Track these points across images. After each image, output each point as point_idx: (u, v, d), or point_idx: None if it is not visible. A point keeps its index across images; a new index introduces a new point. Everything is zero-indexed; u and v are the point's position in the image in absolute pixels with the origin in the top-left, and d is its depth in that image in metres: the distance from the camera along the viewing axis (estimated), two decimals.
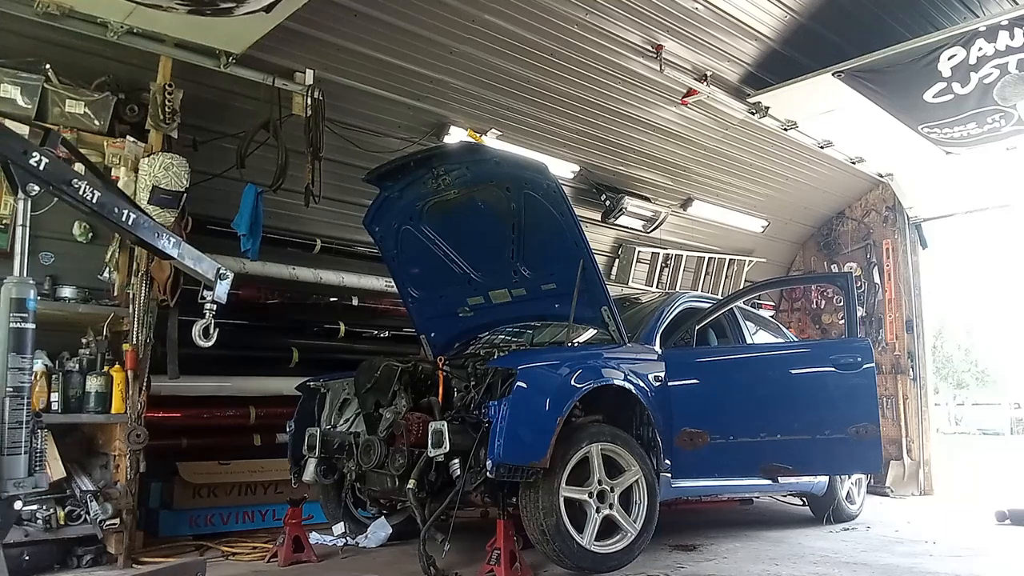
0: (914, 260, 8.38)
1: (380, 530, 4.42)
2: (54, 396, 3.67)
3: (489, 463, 3.39)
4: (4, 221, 3.87)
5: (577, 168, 6.51)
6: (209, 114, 4.60)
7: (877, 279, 8.39)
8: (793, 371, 4.88)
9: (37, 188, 2.84)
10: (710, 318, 4.90)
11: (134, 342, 3.91)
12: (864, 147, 7.21)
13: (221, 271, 3.73)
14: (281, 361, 5.19)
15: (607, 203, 6.83)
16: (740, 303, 5.44)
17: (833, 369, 4.75)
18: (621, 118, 6.16)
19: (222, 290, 3.74)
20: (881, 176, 8.05)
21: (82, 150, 3.86)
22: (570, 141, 6.22)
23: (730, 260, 8.58)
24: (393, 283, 5.18)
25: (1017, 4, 5.32)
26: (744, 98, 6.16)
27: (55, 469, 3.67)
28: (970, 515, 6.13)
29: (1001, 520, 5.70)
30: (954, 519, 6.06)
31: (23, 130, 3.67)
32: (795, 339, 6.54)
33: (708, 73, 5.88)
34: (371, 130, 5.27)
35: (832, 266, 8.80)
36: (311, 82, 4.74)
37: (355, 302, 5.67)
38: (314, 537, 4.35)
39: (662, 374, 4.28)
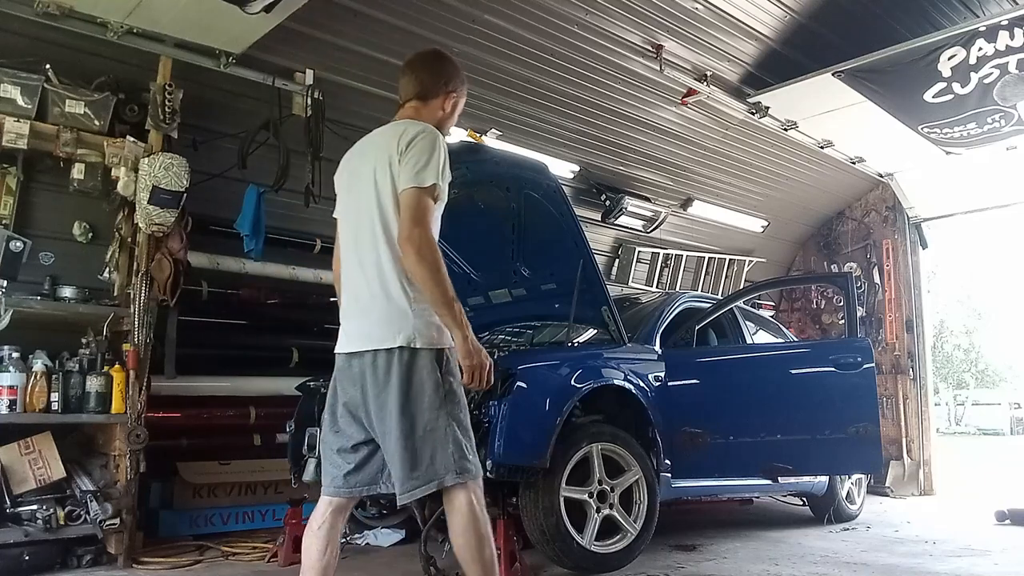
0: (914, 260, 8.37)
1: (393, 532, 4.48)
2: (54, 396, 3.67)
3: (489, 463, 3.38)
4: (4, 221, 3.87)
5: (577, 168, 6.51)
6: (209, 114, 4.60)
7: (877, 279, 8.39)
8: (793, 371, 4.88)
9: None
10: (710, 318, 4.90)
11: (135, 342, 3.90)
12: (864, 147, 7.20)
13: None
14: (281, 361, 5.18)
15: (607, 203, 6.83)
16: (740, 303, 5.44)
17: (833, 369, 4.75)
18: (621, 118, 6.16)
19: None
20: (881, 176, 8.04)
21: (82, 150, 3.88)
22: (570, 141, 6.22)
23: (730, 260, 8.58)
24: None
25: (1017, 4, 5.32)
26: (744, 98, 6.16)
27: (55, 469, 3.67)
28: (970, 515, 6.13)
29: (1001, 520, 5.70)
30: (954, 519, 6.05)
31: (23, 130, 3.69)
32: (795, 339, 6.55)
33: (708, 73, 5.88)
34: (371, 130, 5.25)
35: (832, 266, 8.80)
36: (311, 82, 4.73)
37: None
38: None
39: (662, 374, 4.28)
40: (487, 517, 2.30)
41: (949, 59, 5.20)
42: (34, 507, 3.53)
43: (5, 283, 3.60)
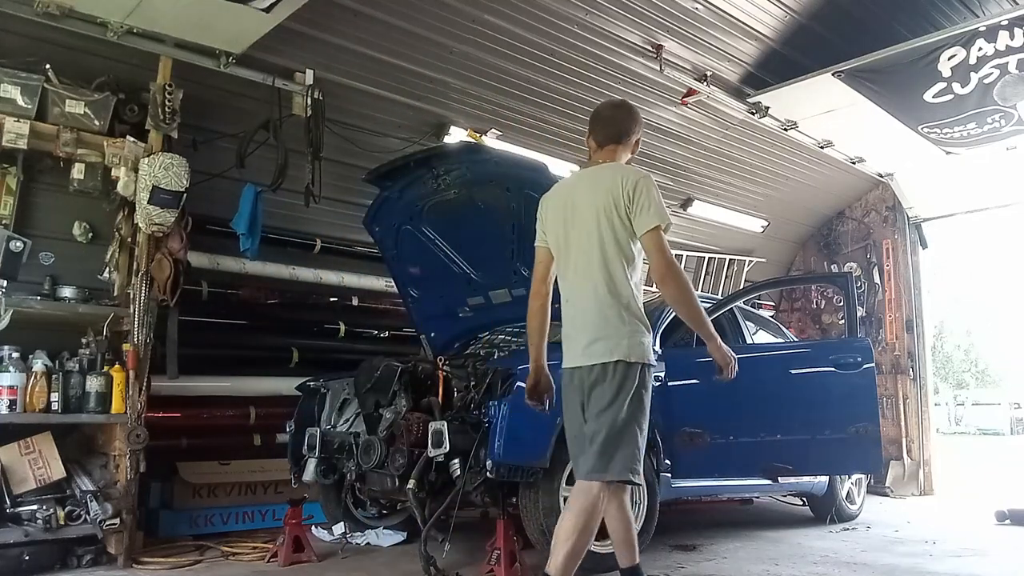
0: (914, 260, 8.37)
1: (394, 532, 4.48)
2: (54, 396, 3.67)
3: (489, 463, 3.39)
4: (4, 221, 3.87)
5: (577, 168, 6.50)
6: (209, 114, 4.60)
7: (877, 279, 8.39)
8: (793, 371, 4.88)
9: None
10: (710, 318, 4.89)
11: (134, 342, 3.90)
12: (864, 147, 7.20)
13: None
14: (281, 361, 5.19)
15: None
16: (740, 303, 5.44)
17: (833, 369, 4.75)
18: None
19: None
20: (881, 176, 8.04)
21: (82, 150, 3.88)
22: (570, 141, 6.21)
23: (730, 260, 8.58)
24: (393, 283, 5.18)
25: (1017, 4, 5.32)
26: (744, 98, 6.16)
27: (55, 469, 3.67)
28: (970, 515, 6.13)
29: (1001, 520, 5.70)
30: (954, 519, 6.06)
31: (23, 130, 3.69)
32: (795, 339, 6.54)
33: (708, 73, 5.88)
34: (371, 130, 5.27)
35: (832, 266, 8.80)
36: (311, 82, 4.73)
37: (355, 302, 5.67)
38: (318, 533, 4.37)
39: (662, 374, 4.27)
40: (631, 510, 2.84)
41: (949, 59, 5.20)
42: (34, 507, 3.53)
43: (5, 283, 3.60)
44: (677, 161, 6.99)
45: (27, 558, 3.53)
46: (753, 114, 6.29)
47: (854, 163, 7.55)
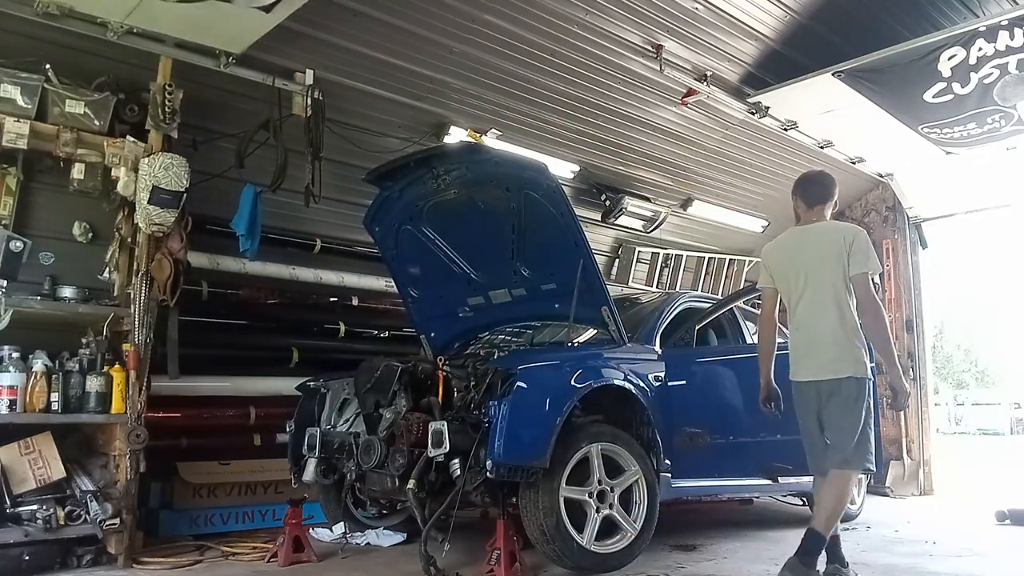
0: (914, 260, 8.37)
1: (394, 533, 4.50)
2: (54, 396, 3.67)
3: (489, 463, 3.39)
4: (4, 221, 3.87)
5: (577, 168, 6.51)
6: (209, 114, 4.60)
7: (877, 279, 8.37)
8: None
9: None
10: (710, 318, 4.90)
11: (135, 342, 3.90)
12: (864, 147, 7.20)
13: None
14: (281, 361, 5.19)
15: (607, 203, 6.82)
16: (740, 303, 5.44)
17: None
18: (621, 118, 6.16)
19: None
20: (881, 176, 8.04)
21: (82, 150, 3.88)
22: (570, 141, 6.22)
23: (730, 260, 8.58)
24: (393, 283, 5.18)
25: (1017, 4, 5.32)
26: (744, 98, 6.16)
27: (55, 469, 3.67)
28: (970, 515, 6.13)
29: (1001, 520, 5.69)
30: (954, 519, 6.06)
31: (23, 130, 3.69)
32: None
33: (708, 73, 5.88)
34: (371, 130, 5.27)
35: None
36: (311, 82, 4.73)
37: (355, 302, 5.67)
38: (319, 532, 4.37)
39: (662, 374, 4.28)
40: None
41: (949, 59, 5.20)
42: (34, 507, 3.53)
43: (5, 283, 3.60)
44: (677, 161, 6.99)
45: (27, 558, 3.53)
46: (753, 114, 6.29)
47: (854, 163, 7.54)
